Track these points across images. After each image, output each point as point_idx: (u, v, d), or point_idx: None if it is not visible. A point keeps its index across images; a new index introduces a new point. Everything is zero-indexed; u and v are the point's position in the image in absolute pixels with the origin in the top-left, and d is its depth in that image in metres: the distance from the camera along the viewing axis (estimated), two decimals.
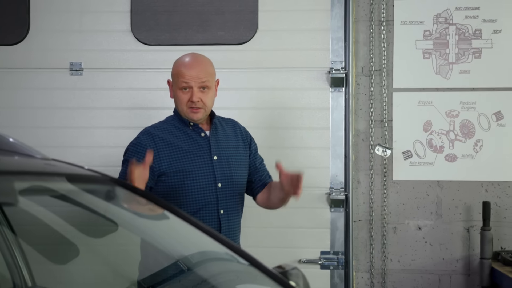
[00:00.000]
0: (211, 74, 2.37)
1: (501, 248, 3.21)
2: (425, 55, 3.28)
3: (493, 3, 3.23)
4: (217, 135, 2.41)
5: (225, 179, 2.35)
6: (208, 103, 2.36)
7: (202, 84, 2.33)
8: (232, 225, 2.37)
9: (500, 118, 3.24)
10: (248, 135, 2.53)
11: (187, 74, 2.32)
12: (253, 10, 3.32)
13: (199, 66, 2.35)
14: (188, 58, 2.39)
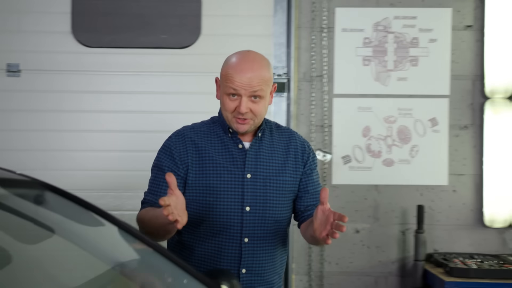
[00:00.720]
0: (266, 81, 1.93)
1: (434, 250, 3.33)
2: (364, 62, 3.36)
3: (429, 13, 3.34)
4: (259, 149, 2.01)
5: (255, 203, 1.95)
6: (259, 114, 1.95)
7: (254, 93, 1.91)
8: (259, 259, 1.97)
9: (435, 124, 3.35)
10: (306, 152, 2.08)
11: (236, 80, 1.91)
12: (196, 14, 3.33)
13: (253, 70, 1.91)
14: (240, 59, 1.95)
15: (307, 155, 2.07)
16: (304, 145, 2.09)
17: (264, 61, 1.97)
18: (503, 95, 3.27)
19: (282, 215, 2.01)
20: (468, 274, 2.85)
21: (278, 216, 1.99)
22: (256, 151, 2.00)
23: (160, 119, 3.34)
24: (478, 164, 3.32)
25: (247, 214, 1.94)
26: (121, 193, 3.33)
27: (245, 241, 1.94)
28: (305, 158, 2.06)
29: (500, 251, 3.31)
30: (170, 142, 2.02)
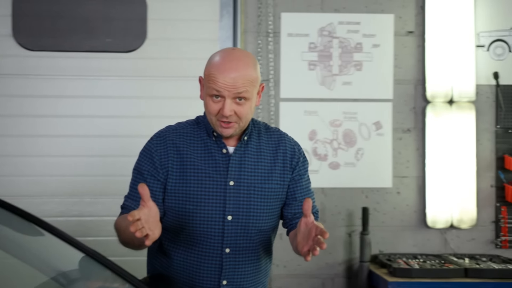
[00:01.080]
0: (252, 81, 1.80)
1: (380, 251, 3.39)
2: (310, 67, 3.41)
3: (372, 19, 3.41)
4: (244, 154, 1.88)
5: (238, 212, 1.83)
6: (244, 116, 1.82)
7: (238, 94, 1.78)
8: (241, 270, 1.86)
9: (379, 127, 3.42)
10: (295, 156, 1.93)
11: (219, 80, 1.77)
12: (142, 18, 3.30)
13: (238, 70, 1.77)
14: (224, 57, 1.80)
15: (296, 160, 1.93)
16: (294, 149, 1.94)
17: (250, 60, 1.82)
18: (443, 99, 3.37)
19: (267, 224, 1.89)
20: (410, 274, 2.91)
21: (262, 226, 1.87)
22: (241, 156, 1.87)
23: (105, 123, 3.30)
24: (420, 166, 3.41)
25: (229, 223, 1.83)
26: (65, 199, 3.27)
27: (226, 252, 1.84)
28: (294, 163, 1.92)
29: (442, 251, 3.40)
30: (151, 144, 1.90)
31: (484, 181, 3.41)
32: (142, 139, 3.36)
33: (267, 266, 1.99)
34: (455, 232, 3.41)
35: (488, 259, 3.19)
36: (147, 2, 3.31)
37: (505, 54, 3.44)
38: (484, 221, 3.41)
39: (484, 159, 3.41)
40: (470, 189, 3.35)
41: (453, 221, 3.35)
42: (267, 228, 1.89)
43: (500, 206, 3.40)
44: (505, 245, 3.39)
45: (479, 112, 3.41)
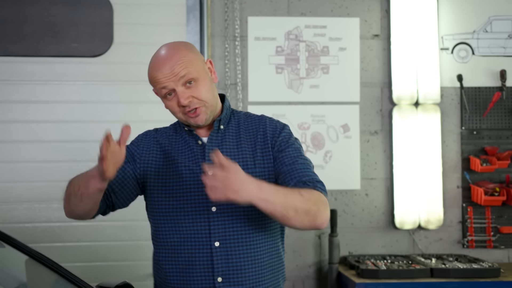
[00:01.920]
0: (189, 60, 1.75)
1: (349, 252, 3.41)
2: (277, 70, 3.43)
3: (338, 23, 3.44)
4: (222, 143, 1.81)
5: (222, 202, 1.68)
6: (205, 96, 1.76)
7: (184, 79, 1.74)
8: (235, 264, 1.75)
9: (347, 130, 3.45)
10: (276, 133, 1.82)
11: (160, 77, 1.74)
12: (108, 22, 3.29)
13: (170, 58, 1.75)
14: (155, 57, 1.80)
15: (275, 136, 1.81)
16: (275, 127, 1.84)
17: (180, 45, 1.81)
18: (409, 101, 3.41)
19: (257, 211, 1.69)
20: (377, 275, 2.94)
21: (251, 214, 1.75)
22: (218, 145, 1.80)
23: (72, 128, 3.28)
24: (388, 168, 3.44)
25: (214, 215, 1.75)
26: (33, 204, 3.24)
27: (215, 245, 1.74)
28: (274, 140, 1.81)
29: (410, 252, 3.44)
30: (135, 139, 1.90)
31: (450, 182, 3.45)
32: None
33: (274, 261, 1.82)
34: (422, 232, 3.45)
35: (454, 259, 3.23)
36: (113, 6, 3.30)
37: (469, 56, 3.49)
38: (451, 222, 3.46)
39: (450, 160, 3.46)
40: (436, 190, 3.39)
41: (421, 222, 3.39)
42: (258, 215, 1.75)
43: (466, 207, 3.45)
44: (471, 245, 3.44)
45: (444, 114, 3.45)
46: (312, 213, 1.65)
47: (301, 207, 1.63)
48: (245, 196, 1.56)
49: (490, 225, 3.44)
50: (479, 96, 3.48)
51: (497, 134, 3.47)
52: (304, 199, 1.64)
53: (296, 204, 1.63)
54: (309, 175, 1.74)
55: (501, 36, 3.50)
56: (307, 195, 1.66)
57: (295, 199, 1.63)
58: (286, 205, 1.61)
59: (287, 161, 1.76)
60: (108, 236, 3.24)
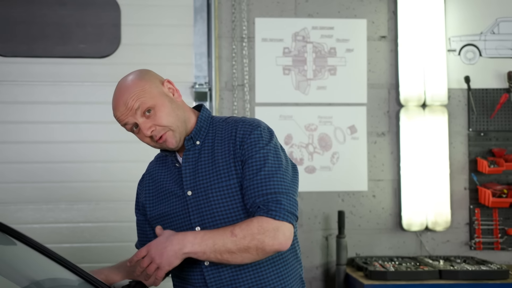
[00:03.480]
0: (144, 90, 1.71)
1: (356, 254, 3.41)
2: (285, 71, 3.42)
3: (345, 24, 3.44)
4: (198, 158, 1.76)
5: (204, 220, 1.71)
6: (166, 121, 1.71)
7: (140, 110, 1.70)
8: (228, 281, 1.70)
9: (354, 131, 3.45)
10: (244, 140, 1.70)
11: (118, 115, 1.73)
12: (115, 23, 3.29)
13: (122, 95, 1.72)
14: (112, 98, 1.77)
15: (244, 142, 1.69)
16: (245, 132, 1.70)
17: (130, 76, 1.76)
18: (416, 103, 3.40)
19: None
20: (386, 277, 2.93)
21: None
22: (194, 162, 1.75)
23: (79, 129, 3.28)
24: (395, 169, 3.44)
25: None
26: (40, 205, 3.24)
27: (205, 265, 1.71)
28: (242, 146, 1.69)
29: (417, 253, 3.43)
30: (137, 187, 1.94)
31: (458, 184, 3.45)
32: (116, 145, 3.38)
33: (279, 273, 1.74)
34: (430, 234, 3.44)
35: (462, 260, 3.22)
36: (121, 7, 3.30)
37: (476, 58, 3.49)
38: (458, 223, 3.45)
39: (457, 162, 3.45)
40: (444, 191, 3.38)
41: (428, 223, 3.38)
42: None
43: (473, 208, 3.44)
44: (479, 247, 3.43)
45: (451, 115, 3.45)
46: (253, 249, 1.60)
47: (235, 248, 1.60)
48: (172, 257, 1.60)
49: (498, 227, 3.44)
50: (486, 97, 3.48)
51: (504, 135, 3.47)
52: (237, 239, 1.59)
53: (228, 246, 1.60)
54: (264, 194, 1.64)
55: (508, 38, 3.50)
56: (241, 233, 1.59)
57: (225, 242, 1.60)
58: (217, 251, 1.61)
59: (248, 174, 1.67)
60: (116, 237, 3.24)
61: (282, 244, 1.63)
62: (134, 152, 3.24)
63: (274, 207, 1.62)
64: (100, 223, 3.27)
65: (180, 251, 1.60)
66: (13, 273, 1.81)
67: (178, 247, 1.61)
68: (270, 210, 1.62)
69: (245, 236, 1.60)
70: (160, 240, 1.63)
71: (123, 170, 3.26)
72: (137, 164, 3.10)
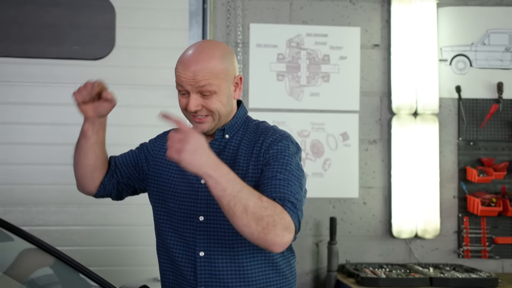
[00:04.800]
0: (216, 73, 1.68)
1: (346, 260, 3.42)
2: (278, 77, 3.44)
3: (339, 32, 3.46)
4: (221, 152, 1.75)
5: (210, 212, 1.70)
6: (216, 110, 1.70)
7: (202, 88, 1.67)
8: (219, 276, 1.69)
9: (346, 138, 3.47)
10: (271, 146, 1.70)
11: (181, 75, 1.69)
12: (110, 26, 3.28)
13: (198, 63, 1.67)
14: (189, 51, 1.72)
15: (271, 149, 1.69)
16: (274, 141, 1.71)
17: (216, 51, 1.70)
18: (408, 111, 3.44)
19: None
20: (377, 283, 2.95)
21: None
22: (217, 153, 1.69)
23: (71, 131, 3.23)
24: (386, 177, 3.47)
25: (201, 224, 1.70)
26: (30, 207, 3.20)
27: (200, 255, 1.70)
28: (267, 151, 1.69)
29: (406, 261, 3.46)
30: (157, 136, 1.93)
31: (447, 192, 3.49)
32: (108, 147, 3.33)
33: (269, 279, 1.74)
34: (419, 242, 3.47)
35: (451, 268, 3.25)
36: (116, 10, 3.29)
37: (467, 68, 3.54)
38: (447, 231, 3.49)
39: (447, 171, 3.49)
40: (434, 200, 3.42)
41: (418, 231, 3.41)
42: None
43: (462, 217, 3.48)
44: (467, 255, 3.47)
45: (442, 124, 3.49)
46: (263, 223, 1.50)
47: (253, 210, 1.50)
48: (196, 165, 1.48)
49: (486, 235, 3.48)
50: (476, 107, 3.52)
51: (493, 145, 3.52)
52: (261, 205, 1.51)
53: (249, 203, 1.50)
54: (282, 192, 1.60)
55: (499, 49, 3.56)
56: (267, 204, 1.52)
57: (249, 198, 1.50)
58: (236, 197, 1.49)
59: (267, 174, 1.65)
60: (106, 241, 3.21)
61: (284, 244, 1.56)
62: None
63: (290, 206, 1.58)
64: (90, 226, 3.24)
65: (208, 169, 1.49)
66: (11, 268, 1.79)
67: (211, 165, 1.50)
68: (285, 206, 1.57)
69: (268, 207, 1.52)
70: (202, 144, 1.50)
71: None
72: None
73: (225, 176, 1.50)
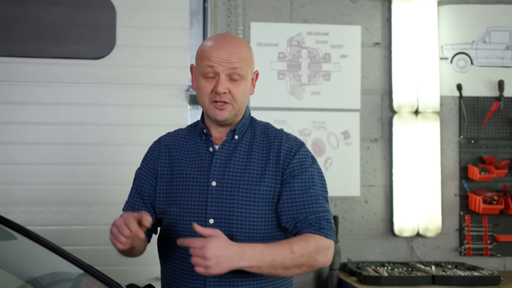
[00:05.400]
0: (247, 60, 1.72)
1: (348, 259, 3.42)
2: (279, 76, 3.43)
3: (340, 30, 3.46)
4: (232, 153, 1.73)
5: (219, 215, 1.67)
6: (239, 98, 1.70)
7: (233, 70, 1.68)
8: (227, 281, 1.67)
9: (347, 137, 3.47)
10: (291, 153, 1.72)
11: (213, 55, 1.68)
12: (110, 25, 3.27)
13: (232, 47, 1.70)
14: (218, 37, 1.74)
15: (292, 157, 1.71)
16: (290, 148, 1.73)
17: (244, 42, 1.77)
18: (409, 109, 3.43)
19: (257, 231, 1.68)
20: (380, 282, 2.94)
21: (250, 232, 1.68)
22: (228, 155, 1.72)
23: (72, 131, 3.24)
24: (387, 175, 3.46)
25: (210, 227, 1.65)
26: (30, 207, 3.19)
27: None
28: (288, 160, 1.70)
29: (408, 259, 3.45)
30: (148, 149, 1.85)
31: (449, 190, 3.48)
32: (109, 147, 3.35)
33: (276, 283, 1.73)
34: (421, 240, 3.47)
35: (453, 266, 3.25)
36: (116, 9, 3.28)
37: (468, 66, 3.54)
38: (449, 229, 3.48)
39: (448, 169, 3.49)
40: (435, 198, 3.41)
41: (419, 229, 3.41)
42: (257, 235, 1.69)
43: (464, 215, 3.48)
44: (468, 253, 3.47)
45: (443, 122, 3.49)
46: (306, 266, 1.62)
47: (292, 264, 1.59)
48: (224, 267, 1.53)
49: (487, 233, 3.48)
50: (477, 105, 3.52)
51: (494, 143, 3.52)
52: (295, 257, 1.59)
53: (286, 263, 1.58)
54: (316, 211, 1.67)
55: (499, 47, 3.56)
56: (300, 251, 1.59)
57: (284, 259, 1.58)
58: (272, 266, 1.58)
59: (297, 190, 1.68)
60: (107, 240, 3.18)
61: (328, 262, 1.67)
62: (126, 154, 3.22)
63: (326, 225, 1.66)
64: (92, 226, 3.24)
65: (236, 264, 1.55)
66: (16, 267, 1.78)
67: (236, 259, 1.55)
68: (322, 228, 1.65)
69: (303, 254, 1.60)
70: (221, 244, 1.54)
71: (115, 172, 3.23)
72: (129, 167, 3.07)
73: (253, 258, 1.56)
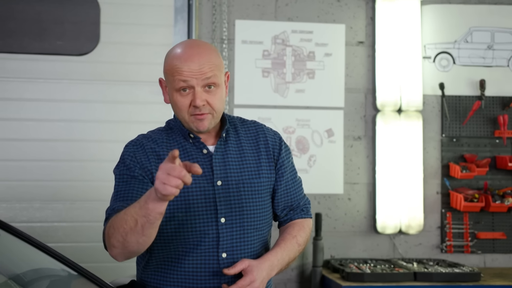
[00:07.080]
0: (218, 66, 1.70)
1: (331, 256, 3.44)
2: (264, 74, 3.44)
3: (324, 29, 3.48)
4: (226, 151, 1.77)
5: (231, 212, 1.72)
6: (217, 106, 1.71)
7: (208, 81, 1.67)
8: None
9: (331, 135, 3.49)
10: (276, 144, 1.84)
11: (184, 69, 1.66)
12: (94, 21, 3.26)
13: (201, 56, 1.67)
14: (184, 47, 1.70)
15: (279, 149, 1.83)
16: (275, 139, 1.84)
17: (211, 46, 1.74)
18: (393, 108, 3.46)
19: (263, 222, 1.78)
20: (363, 278, 2.97)
21: (258, 224, 1.76)
22: (224, 154, 1.76)
23: (55, 127, 3.22)
24: (371, 173, 3.49)
25: (223, 226, 1.71)
26: (13, 204, 3.17)
27: (223, 257, 1.71)
28: (276, 153, 1.82)
29: (390, 256, 3.49)
30: (128, 150, 1.75)
31: (430, 188, 3.52)
32: (92, 143, 3.34)
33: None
34: (403, 237, 3.50)
35: (435, 263, 3.29)
36: (100, 5, 3.27)
37: (450, 66, 3.58)
38: (430, 227, 3.52)
39: (431, 167, 3.53)
40: (417, 195, 3.45)
41: (402, 226, 3.44)
42: (263, 224, 1.78)
43: (445, 212, 3.52)
44: (450, 250, 3.51)
45: (426, 121, 3.52)
46: (305, 246, 1.88)
47: (298, 254, 1.82)
48: (266, 282, 1.71)
49: (468, 230, 3.52)
50: (459, 104, 3.56)
51: (476, 141, 3.56)
52: (301, 247, 1.82)
53: (295, 255, 1.81)
54: (302, 197, 1.92)
55: (481, 47, 3.60)
56: (303, 240, 1.83)
57: (294, 253, 1.80)
58: (288, 263, 1.79)
59: (290, 180, 1.86)
60: (91, 237, 3.19)
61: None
62: (110, 151, 3.20)
63: (308, 208, 1.92)
64: (75, 223, 3.23)
65: (271, 275, 1.73)
66: None
67: (270, 272, 1.72)
68: (308, 211, 1.91)
69: (305, 241, 1.84)
70: (258, 269, 1.67)
71: (100, 169, 3.22)
72: (113, 163, 3.07)
73: (278, 264, 1.74)
